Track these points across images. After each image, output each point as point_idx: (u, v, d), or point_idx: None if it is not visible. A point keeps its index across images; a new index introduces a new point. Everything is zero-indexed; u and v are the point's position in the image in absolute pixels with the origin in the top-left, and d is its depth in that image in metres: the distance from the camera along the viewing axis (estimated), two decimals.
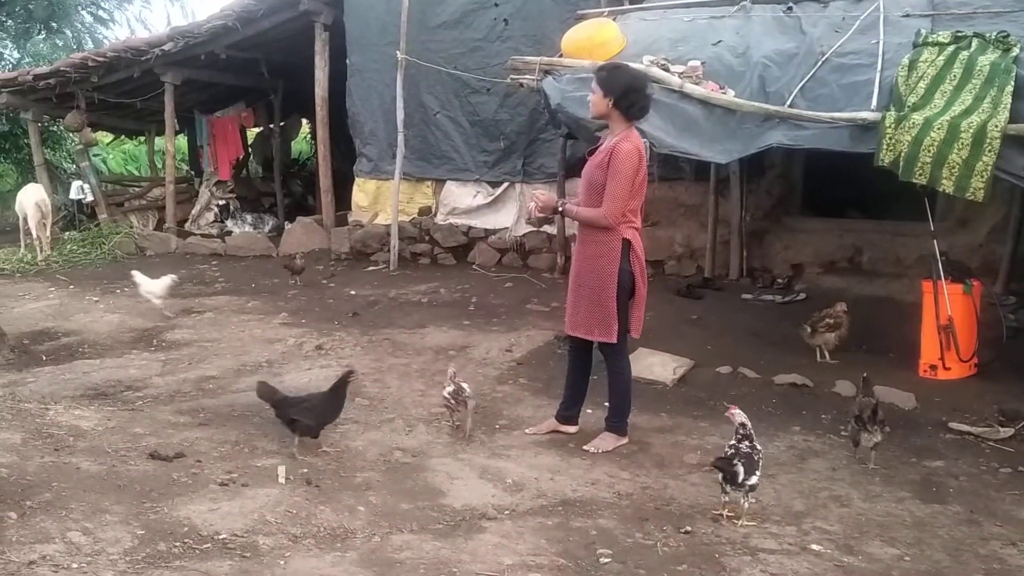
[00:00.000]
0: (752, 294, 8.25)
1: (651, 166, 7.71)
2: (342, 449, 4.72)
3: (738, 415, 4.03)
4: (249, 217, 13.07)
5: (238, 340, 7.12)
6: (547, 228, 9.39)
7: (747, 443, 3.93)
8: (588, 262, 4.71)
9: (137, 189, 14.09)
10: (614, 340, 4.69)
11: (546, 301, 8.01)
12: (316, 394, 4.83)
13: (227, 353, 6.73)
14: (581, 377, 5.04)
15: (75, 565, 3.20)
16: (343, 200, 11.16)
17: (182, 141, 15.55)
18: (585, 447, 4.80)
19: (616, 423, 4.91)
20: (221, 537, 3.56)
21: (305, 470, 4.36)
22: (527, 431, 5.03)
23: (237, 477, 4.22)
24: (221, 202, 13.09)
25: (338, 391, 4.71)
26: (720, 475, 3.88)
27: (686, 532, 3.84)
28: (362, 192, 10.75)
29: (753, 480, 3.86)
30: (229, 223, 12.84)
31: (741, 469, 3.82)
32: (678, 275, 8.96)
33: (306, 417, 4.57)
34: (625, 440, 4.88)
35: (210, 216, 12.99)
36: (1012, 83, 5.14)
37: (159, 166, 14.24)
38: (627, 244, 4.62)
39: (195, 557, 3.38)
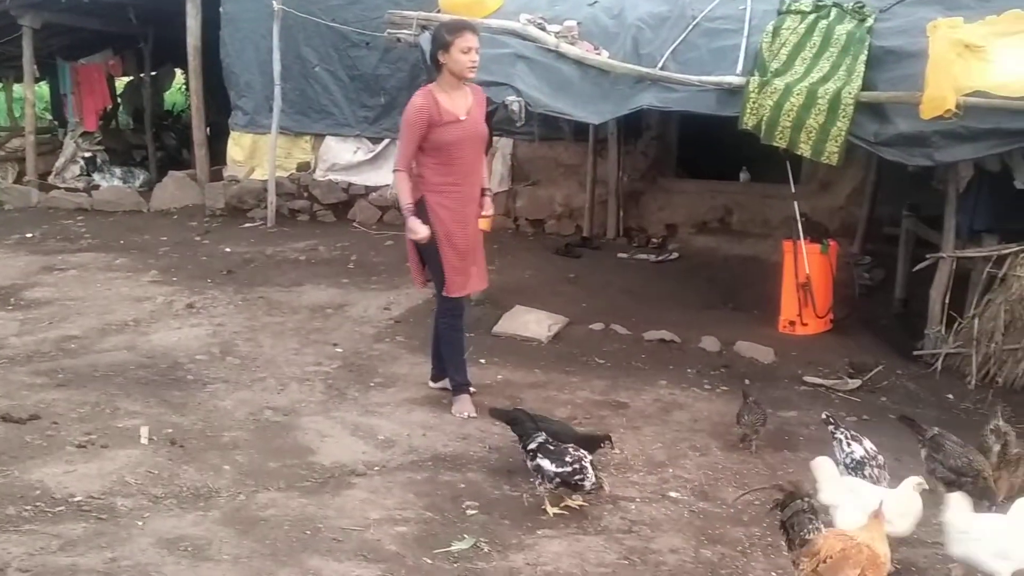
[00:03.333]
0: (628, 253, 8.44)
1: (531, 125, 7.83)
2: (210, 408, 4.63)
3: None
4: (118, 171, 12.39)
5: (104, 298, 6.83)
6: None
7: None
8: (478, 218, 4.77)
9: None
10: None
11: None
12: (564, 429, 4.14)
13: (91, 312, 6.46)
14: None
15: None
16: (219, 154, 10.75)
17: (44, 89, 14.62)
18: (460, 414, 4.71)
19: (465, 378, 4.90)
20: (76, 499, 3.47)
21: (170, 430, 4.26)
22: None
23: (96, 439, 4.10)
24: (87, 154, 12.37)
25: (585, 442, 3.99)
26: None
27: None
28: (238, 146, 10.38)
29: None
30: (96, 176, 12.16)
31: None
32: (557, 234, 9.05)
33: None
34: None
35: (76, 169, 12.25)
36: (865, 52, 5.38)
37: (18, 115, 13.38)
38: None
39: (47, 520, 3.28)
